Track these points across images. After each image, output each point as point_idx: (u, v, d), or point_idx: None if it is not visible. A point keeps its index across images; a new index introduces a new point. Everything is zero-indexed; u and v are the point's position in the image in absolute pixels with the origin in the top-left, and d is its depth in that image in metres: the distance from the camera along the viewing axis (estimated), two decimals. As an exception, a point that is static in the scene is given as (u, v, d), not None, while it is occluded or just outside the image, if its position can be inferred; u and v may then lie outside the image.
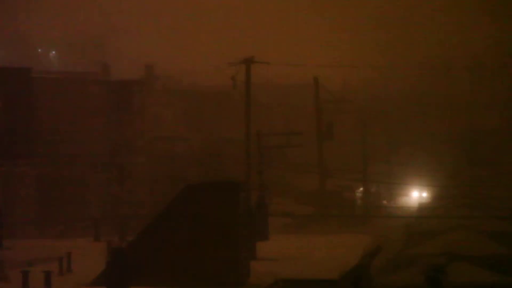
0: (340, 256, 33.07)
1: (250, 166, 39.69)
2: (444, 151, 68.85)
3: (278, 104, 68.09)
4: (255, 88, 43.97)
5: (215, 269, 27.38)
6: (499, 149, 68.38)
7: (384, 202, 58.61)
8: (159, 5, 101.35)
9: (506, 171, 60.72)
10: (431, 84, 78.19)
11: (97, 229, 38.10)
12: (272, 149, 44.39)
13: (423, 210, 52.72)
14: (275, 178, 50.06)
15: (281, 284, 28.42)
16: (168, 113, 59.18)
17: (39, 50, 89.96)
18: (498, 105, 71.98)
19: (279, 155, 52.54)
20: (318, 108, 53.01)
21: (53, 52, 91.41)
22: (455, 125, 72.74)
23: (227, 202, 28.16)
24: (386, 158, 63.27)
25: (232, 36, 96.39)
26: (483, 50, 79.62)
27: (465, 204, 47.34)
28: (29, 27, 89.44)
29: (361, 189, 59.08)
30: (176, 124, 58.68)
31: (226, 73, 41.75)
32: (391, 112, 66.43)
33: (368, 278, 32.69)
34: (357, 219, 50.65)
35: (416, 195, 62.95)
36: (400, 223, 47.40)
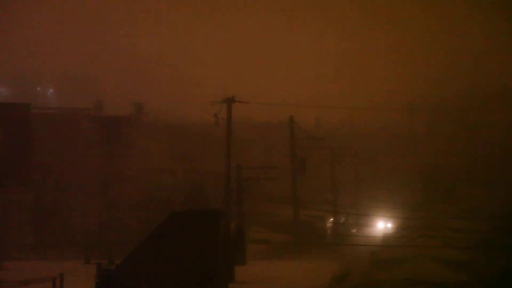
0: (310, 280, 33.35)
1: (229, 196, 39.88)
2: (407, 186, 69.35)
3: (256, 140, 68.51)
4: (236, 125, 44.30)
5: (196, 291, 27.47)
6: (456, 184, 69.00)
7: (353, 231, 58.82)
8: (147, 46, 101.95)
9: (461, 205, 61.26)
10: (395, 123, 78.96)
11: (88, 253, 38.14)
12: (250, 181, 44.64)
13: (387, 239, 52.99)
14: (253, 208, 50.27)
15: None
16: (155, 146, 59.37)
17: (38, 88, 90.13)
18: (455, 144, 72.84)
19: (257, 187, 52.81)
20: (293, 145, 53.53)
21: (51, 90, 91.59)
22: (416, 162, 73.40)
23: (208, 228, 28.31)
24: (354, 191, 63.69)
25: (216, 76, 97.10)
26: (445, 92, 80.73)
27: (424, 235, 47.65)
28: (29, 66, 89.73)
29: (331, 219, 59.38)
30: (162, 157, 58.87)
31: (209, 111, 42.06)
32: (360, 148, 66.96)
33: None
34: (327, 246, 50.84)
35: (382, 226, 63.25)
36: (366, 251, 47.63)
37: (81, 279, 31.12)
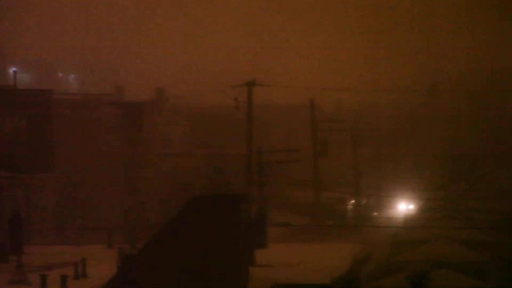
0: (332, 263, 33.06)
1: (251, 180, 39.62)
2: (430, 167, 68.83)
3: (277, 123, 68.18)
4: (256, 108, 43.98)
5: (217, 275, 27.33)
6: (478, 165, 68.36)
7: (375, 214, 58.44)
8: (168, 32, 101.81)
9: (484, 186, 60.67)
10: (418, 106, 78.37)
11: (110, 237, 38.10)
12: (271, 165, 44.35)
13: (409, 221, 52.61)
14: (274, 191, 50.01)
15: (278, 289, 28.35)
16: (176, 131, 59.22)
17: (60, 74, 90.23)
18: (478, 125, 72.21)
19: (278, 170, 52.57)
20: (313, 127, 53.11)
21: (72, 76, 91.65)
22: (439, 143, 72.82)
23: (229, 213, 28.13)
24: (376, 173, 63.24)
25: (236, 60, 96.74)
26: (466, 73, 79.98)
27: (447, 216, 47.21)
28: (51, 52, 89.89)
29: (353, 201, 59.05)
30: (183, 142, 58.71)
31: (230, 95, 41.73)
32: (381, 130, 66.53)
33: (357, 283, 32.66)
34: (348, 229, 50.55)
35: (403, 207, 62.82)
36: (388, 233, 47.31)
37: (104, 263, 31.06)
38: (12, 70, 59.00)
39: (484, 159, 68.46)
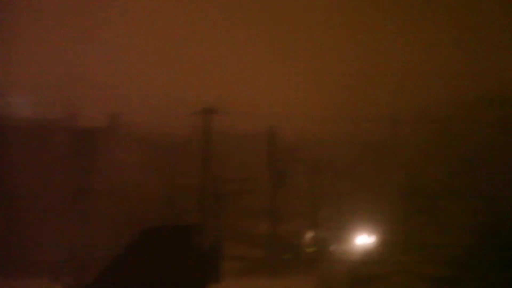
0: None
1: (203, 210, 40.24)
2: (387, 199, 69.90)
3: (234, 151, 68.92)
4: (215, 135, 44.52)
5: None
6: (438, 197, 69.58)
7: (332, 246, 59.28)
8: (120, 55, 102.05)
9: (444, 219, 61.90)
10: (377, 135, 79.44)
11: (55, 272, 38.04)
12: (227, 195, 45.04)
13: (367, 255, 53.58)
14: (230, 222, 50.65)
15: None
16: (130, 159, 59.60)
17: (3, 97, 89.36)
18: (438, 155, 73.49)
19: (234, 200, 53.26)
20: (271, 158, 53.90)
21: (18, 99, 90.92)
22: (396, 174, 73.92)
23: (181, 245, 28.68)
24: (333, 205, 64.22)
25: (191, 84, 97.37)
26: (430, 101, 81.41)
27: (406, 249, 48.21)
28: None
29: (310, 233, 59.88)
30: (138, 170, 59.10)
31: (187, 122, 42.30)
32: (341, 161, 67.50)
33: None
34: (305, 263, 51.34)
35: (361, 241, 63.77)
36: (345, 267, 48.15)
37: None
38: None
39: (444, 191, 69.72)
